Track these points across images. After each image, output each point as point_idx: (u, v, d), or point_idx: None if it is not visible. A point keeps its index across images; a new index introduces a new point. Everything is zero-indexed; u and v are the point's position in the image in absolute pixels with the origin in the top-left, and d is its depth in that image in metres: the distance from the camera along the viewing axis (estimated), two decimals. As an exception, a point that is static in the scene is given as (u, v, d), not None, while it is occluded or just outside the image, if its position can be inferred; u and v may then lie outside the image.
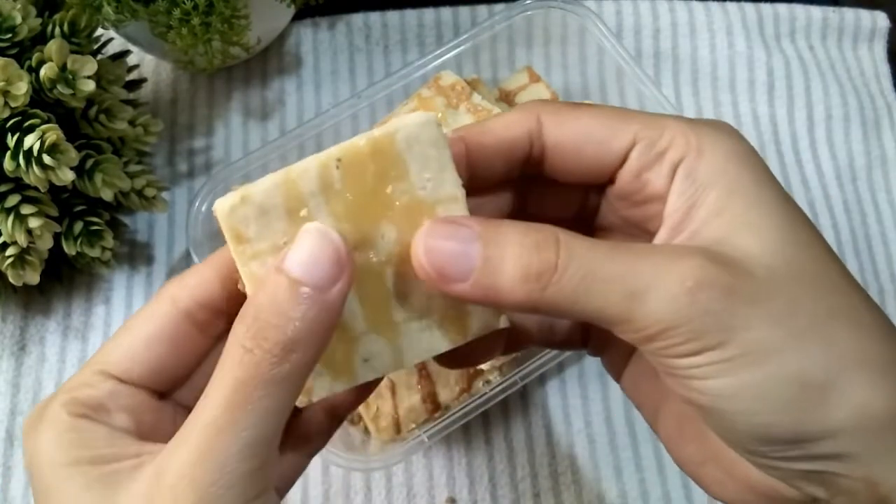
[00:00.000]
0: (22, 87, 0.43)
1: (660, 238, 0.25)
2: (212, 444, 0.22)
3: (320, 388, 0.26)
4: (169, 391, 0.27)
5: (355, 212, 0.25)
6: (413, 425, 0.48)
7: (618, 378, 0.31)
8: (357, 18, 0.62)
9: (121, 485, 0.23)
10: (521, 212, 0.30)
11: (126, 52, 0.53)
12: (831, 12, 0.63)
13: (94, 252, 0.49)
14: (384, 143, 0.24)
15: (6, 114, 0.43)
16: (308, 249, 0.23)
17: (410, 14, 0.62)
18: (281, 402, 0.23)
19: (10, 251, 0.45)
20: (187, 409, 0.24)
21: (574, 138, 0.26)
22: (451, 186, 0.25)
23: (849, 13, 0.63)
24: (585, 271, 0.23)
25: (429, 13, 0.62)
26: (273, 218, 0.24)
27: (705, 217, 0.24)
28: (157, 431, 0.26)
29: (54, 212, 0.47)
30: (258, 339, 0.22)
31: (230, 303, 0.27)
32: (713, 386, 0.23)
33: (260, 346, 0.22)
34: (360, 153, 0.24)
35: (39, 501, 0.24)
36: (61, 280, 0.54)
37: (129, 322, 0.26)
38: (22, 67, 0.44)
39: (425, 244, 0.24)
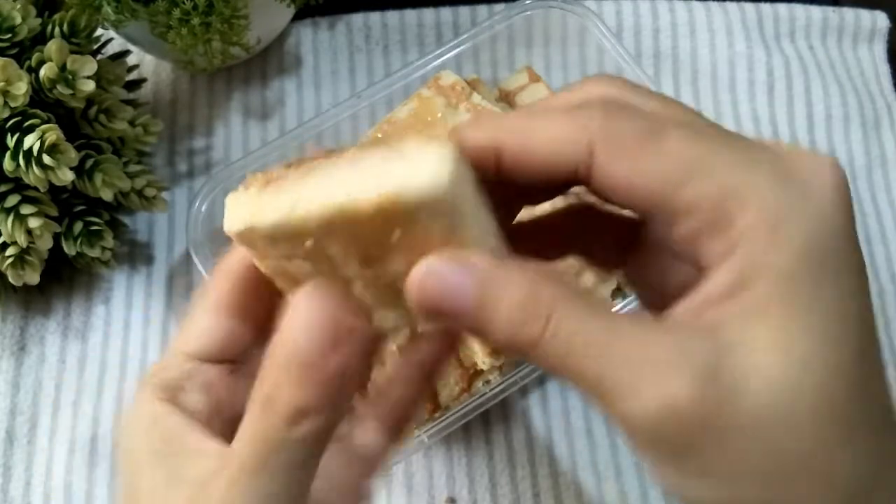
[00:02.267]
0: (22, 87, 0.43)
1: (679, 311, 0.22)
2: (231, 497, 0.23)
3: None
4: (241, 360, 0.28)
5: (362, 247, 0.23)
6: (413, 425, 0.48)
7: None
8: (357, 18, 0.62)
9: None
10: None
11: (126, 52, 0.53)
12: (831, 12, 0.63)
13: (94, 252, 0.49)
14: (388, 207, 0.21)
15: (6, 114, 0.43)
16: (302, 320, 0.22)
17: (410, 14, 0.62)
18: (295, 462, 0.23)
19: (10, 251, 0.45)
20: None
21: (638, 186, 0.22)
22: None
23: (849, 13, 0.63)
24: (567, 352, 0.21)
25: (429, 13, 0.62)
26: (280, 242, 0.23)
27: (732, 314, 0.21)
28: (233, 406, 0.26)
29: (54, 212, 0.47)
30: (271, 400, 0.23)
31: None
32: None
33: (272, 407, 0.22)
34: (363, 213, 0.21)
35: (122, 465, 0.26)
36: (61, 280, 0.54)
37: (198, 303, 0.27)
38: (22, 67, 0.44)
39: (420, 282, 0.22)
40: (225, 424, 0.26)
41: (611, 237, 0.27)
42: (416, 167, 0.21)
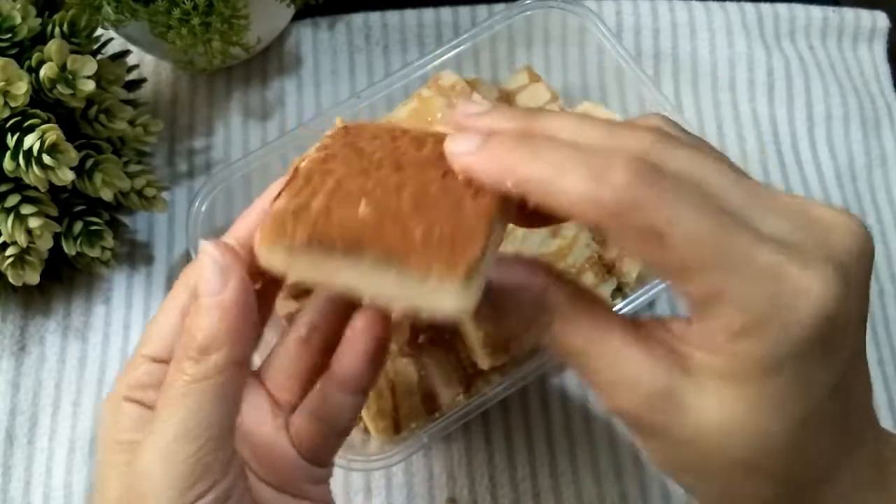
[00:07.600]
0: (22, 87, 0.43)
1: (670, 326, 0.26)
2: (155, 435, 0.26)
3: None
4: None
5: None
6: (413, 425, 0.48)
7: None
8: (357, 18, 0.62)
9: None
10: None
11: (126, 52, 0.53)
12: (831, 12, 0.63)
13: (94, 252, 0.49)
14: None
15: (6, 114, 0.43)
16: (200, 268, 0.27)
17: (410, 14, 0.62)
18: (207, 396, 0.26)
19: (10, 251, 0.45)
20: None
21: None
22: None
23: (849, 13, 0.63)
24: (569, 352, 0.26)
25: (429, 13, 0.62)
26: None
27: (702, 356, 0.24)
28: None
29: (54, 212, 0.47)
30: (184, 348, 0.27)
31: None
32: None
33: (185, 353, 0.26)
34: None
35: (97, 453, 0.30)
36: (61, 280, 0.54)
37: (159, 308, 0.30)
38: (22, 67, 0.44)
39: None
40: None
41: None
42: None
